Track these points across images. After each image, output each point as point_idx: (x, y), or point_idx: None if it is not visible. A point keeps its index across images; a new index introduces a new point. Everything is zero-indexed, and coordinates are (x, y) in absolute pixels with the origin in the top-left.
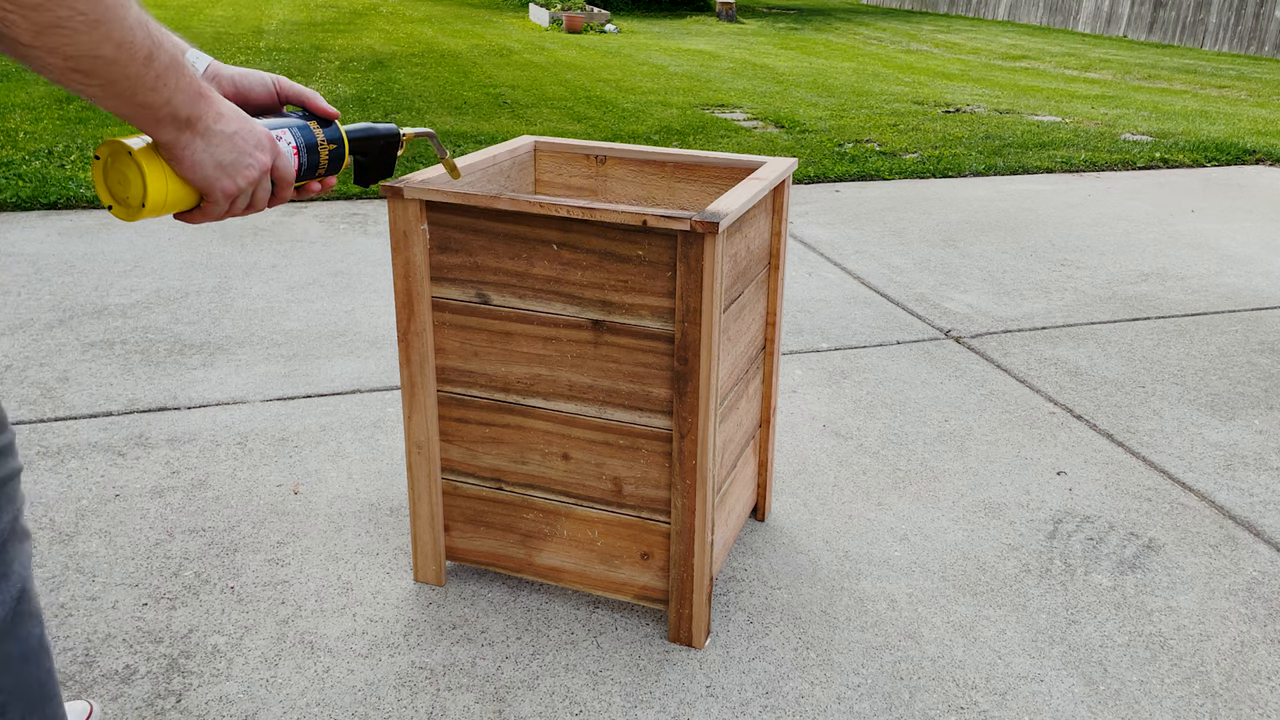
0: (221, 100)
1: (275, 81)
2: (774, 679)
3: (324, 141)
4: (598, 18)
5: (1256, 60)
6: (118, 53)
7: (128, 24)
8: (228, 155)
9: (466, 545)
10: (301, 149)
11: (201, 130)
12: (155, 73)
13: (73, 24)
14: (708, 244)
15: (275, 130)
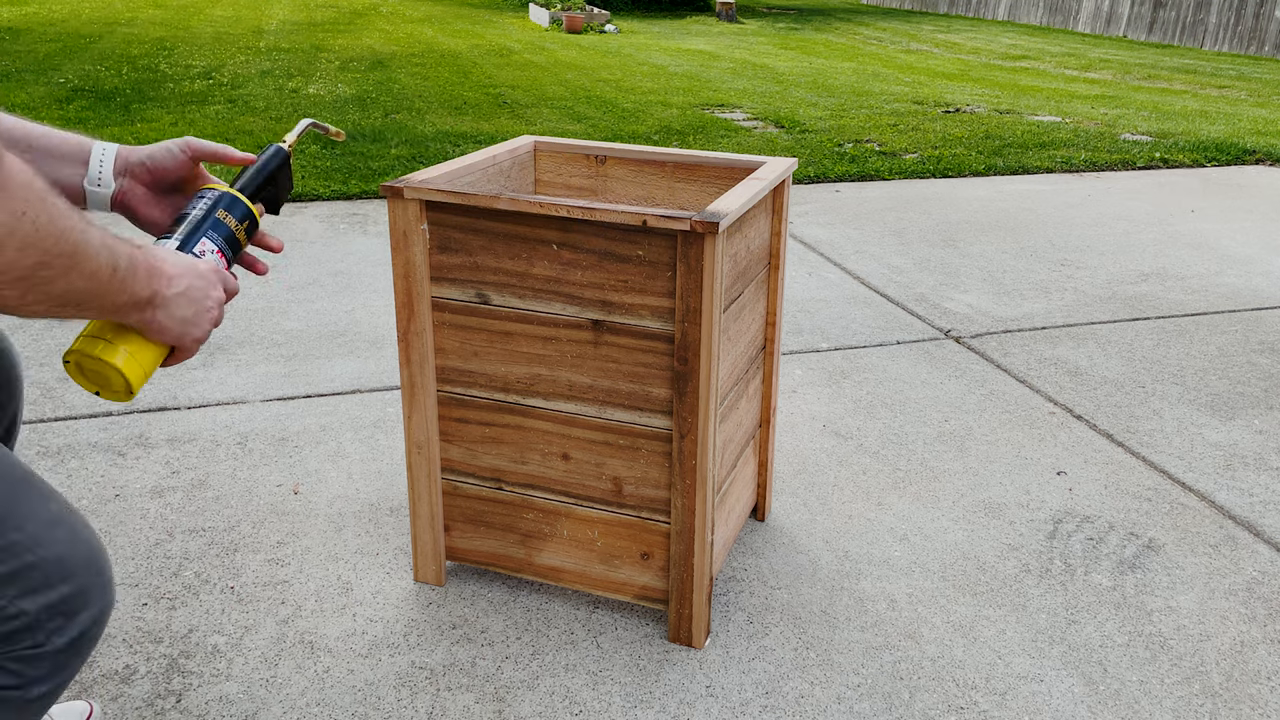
0: (166, 260)
1: (185, 148)
2: (774, 679)
3: (237, 225)
4: (598, 18)
5: (1256, 60)
6: (90, 282)
7: (92, 252)
8: (188, 310)
9: (466, 545)
10: (225, 249)
11: (160, 302)
12: (119, 280)
13: (50, 279)
14: (708, 244)
15: (197, 245)
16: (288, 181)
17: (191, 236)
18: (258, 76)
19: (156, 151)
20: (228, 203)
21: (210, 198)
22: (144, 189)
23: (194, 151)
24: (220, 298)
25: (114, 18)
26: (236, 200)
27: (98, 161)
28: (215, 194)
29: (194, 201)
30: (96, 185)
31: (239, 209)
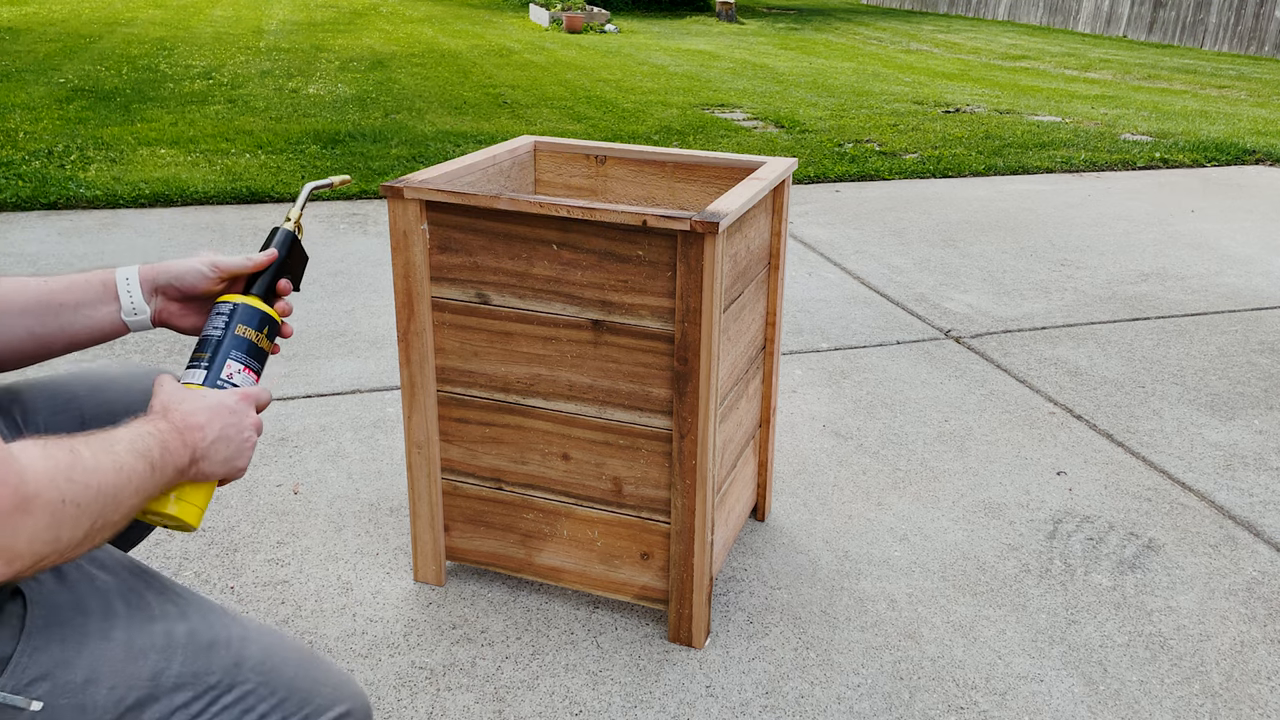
0: (195, 412)
1: (214, 269)
2: (774, 679)
3: (258, 335)
4: (598, 18)
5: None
6: (137, 495)
7: (128, 474)
8: (228, 451)
9: (466, 545)
10: (251, 364)
11: (201, 455)
12: (159, 471)
13: (106, 524)
14: (708, 244)
15: (224, 370)
16: (302, 258)
17: (216, 361)
18: (258, 76)
19: (186, 274)
20: (245, 316)
21: (227, 313)
22: (177, 305)
23: (222, 271)
24: (254, 422)
25: (114, 18)
26: (253, 310)
27: (126, 294)
28: (231, 308)
29: (213, 318)
30: (134, 315)
31: (257, 318)
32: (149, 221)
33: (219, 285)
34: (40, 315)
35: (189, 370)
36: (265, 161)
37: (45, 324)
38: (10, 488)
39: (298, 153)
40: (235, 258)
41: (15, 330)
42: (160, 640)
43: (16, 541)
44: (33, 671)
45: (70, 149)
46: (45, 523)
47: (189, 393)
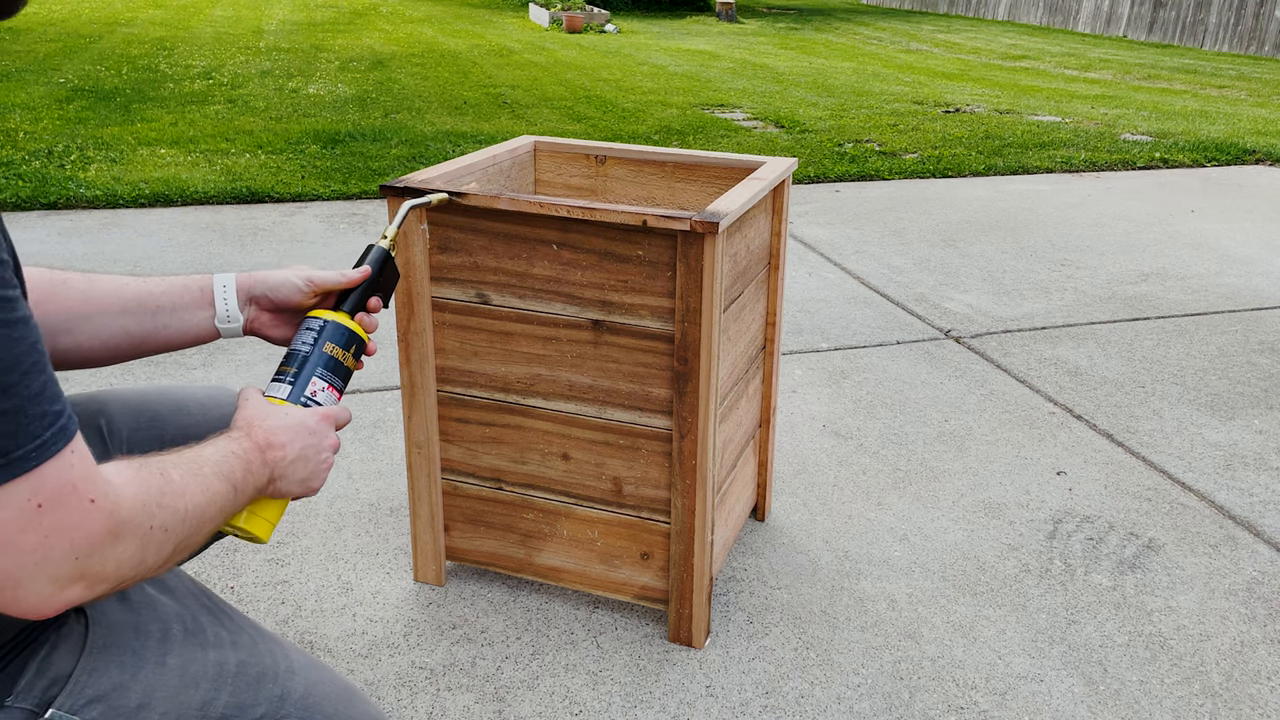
0: (276, 431)
1: (308, 283)
2: (774, 679)
3: (344, 354)
4: (598, 18)
5: (1256, 60)
6: (220, 515)
7: (211, 496)
8: (304, 471)
9: (466, 545)
10: (335, 382)
11: (279, 475)
12: (240, 492)
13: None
14: (708, 244)
15: (308, 387)
16: (393, 275)
17: (301, 377)
18: (258, 76)
19: (281, 287)
20: (333, 333)
21: (316, 329)
22: (269, 315)
23: (317, 287)
24: (333, 443)
25: (114, 18)
26: (342, 329)
27: (222, 301)
28: (321, 324)
29: (301, 333)
30: (227, 323)
31: (345, 336)
32: (149, 221)
33: (311, 299)
34: (138, 316)
35: (274, 384)
36: (265, 161)
37: (142, 325)
38: (105, 513)
39: (298, 153)
40: (329, 273)
41: (112, 329)
42: (213, 670)
43: (105, 566)
44: (90, 692)
45: (70, 149)
46: (134, 547)
47: (272, 409)
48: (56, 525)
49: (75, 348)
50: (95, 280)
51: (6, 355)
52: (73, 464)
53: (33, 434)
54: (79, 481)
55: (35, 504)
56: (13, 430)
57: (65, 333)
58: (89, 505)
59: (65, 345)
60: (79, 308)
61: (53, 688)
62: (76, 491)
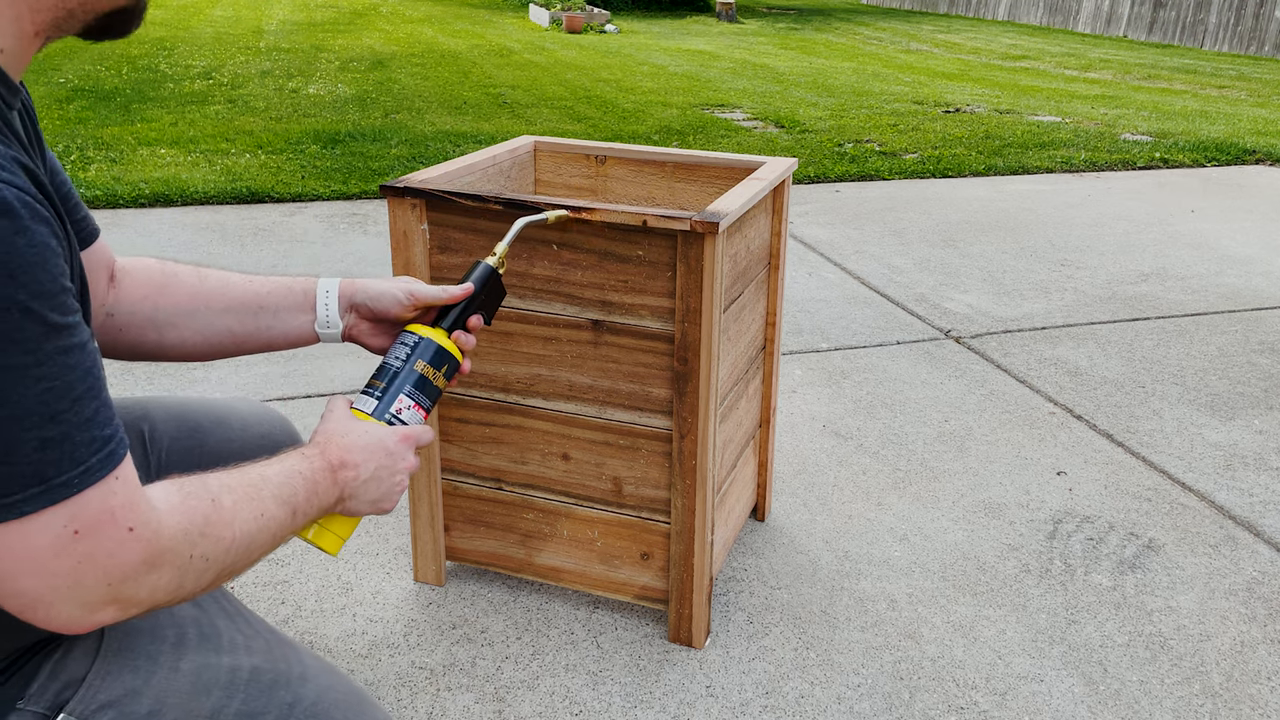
0: (352, 449)
1: (410, 297)
2: (774, 679)
3: (435, 373)
4: (598, 18)
5: (1256, 60)
6: (274, 540)
7: (265, 522)
8: (376, 493)
9: (466, 545)
10: (423, 401)
11: (349, 494)
12: (301, 515)
13: (239, 568)
14: (708, 244)
15: (394, 404)
16: (498, 294)
17: (389, 393)
18: (258, 76)
19: (382, 297)
20: (426, 351)
21: (410, 345)
22: (368, 324)
23: (418, 301)
24: (409, 465)
25: None
26: (436, 347)
27: (324, 306)
28: (415, 341)
29: (396, 347)
30: (327, 328)
31: (438, 355)
32: (149, 221)
33: (411, 313)
34: (241, 315)
35: (362, 396)
36: (265, 161)
37: (244, 324)
38: (143, 543)
39: (298, 153)
40: (432, 288)
41: (216, 327)
42: (225, 676)
43: (139, 593)
44: (102, 697)
45: (70, 149)
46: (170, 575)
47: (353, 425)
48: (90, 553)
49: (180, 342)
50: (204, 275)
51: (60, 383)
52: (114, 490)
53: (77, 460)
54: (118, 509)
55: (72, 530)
56: (56, 458)
57: (171, 327)
58: (126, 534)
59: (171, 339)
60: (186, 304)
61: (65, 691)
62: (115, 519)
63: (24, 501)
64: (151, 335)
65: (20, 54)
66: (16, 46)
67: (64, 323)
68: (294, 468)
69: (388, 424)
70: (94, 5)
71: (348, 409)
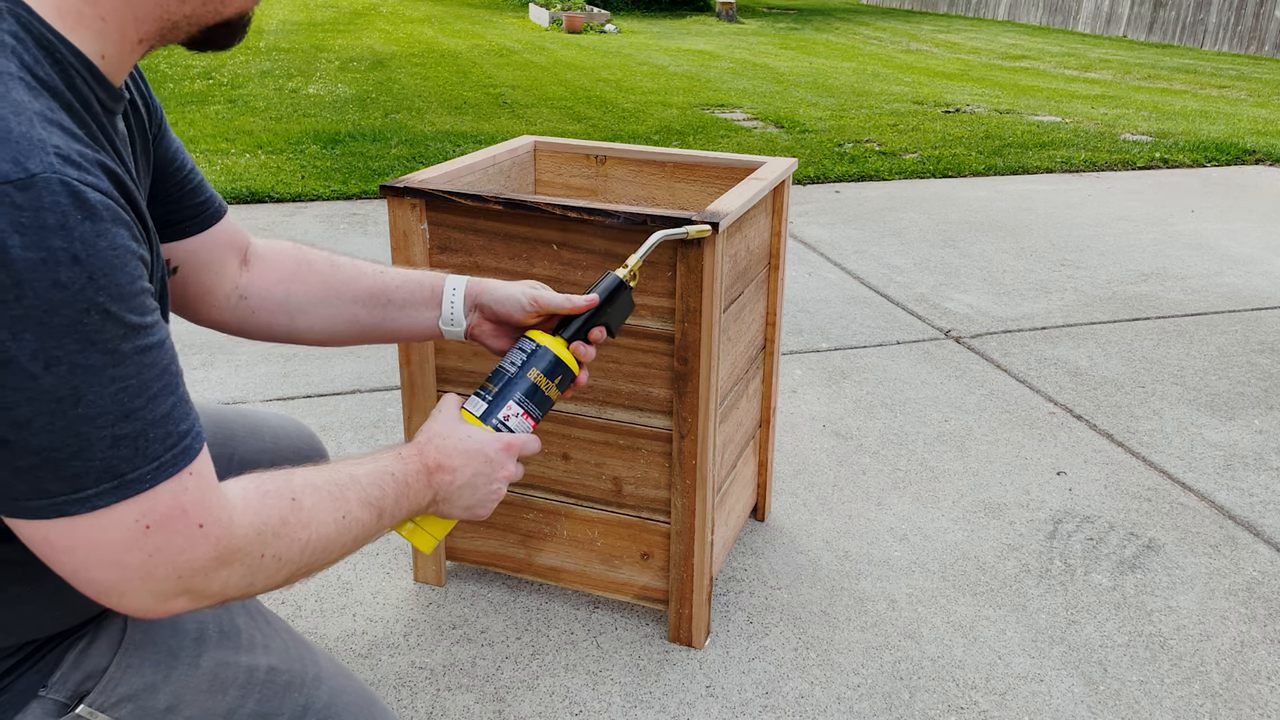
0: (453, 454)
1: (534, 303)
2: (774, 679)
3: (548, 383)
4: (598, 18)
5: (1256, 60)
6: (355, 544)
7: (346, 526)
8: (471, 499)
9: (466, 545)
10: (532, 411)
11: (443, 498)
12: (387, 519)
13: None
14: (707, 244)
15: (503, 410)
16: (626, 307)
17: (499, 399)
18: (258, 76)
19: (506, 301)
20: (541, 360)
21: (527, 352)
22: (490, 325)
23: (542, 308)
24: (508, 473)
25: None
26: (551, 357)
27: (449, 304)
28: (532, 349)
29: (513, 352)
30: (450, 325)
31: (553, 365)
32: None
33: (533, 319)
34: (369, 306)
35: (473, 398)
36: (265, 161)
37: (371, 315)
38: (212, 540)
39: (298, 153)
40: (556, 296)
41: (344, 316)
42: (243, 675)
43: (210, 587)
44: (122, 690)
45: None
46: (241, 573)
47: (457, 428)
48: (160, 547)
49: (309, 329)
50: (338, 265)
51: (136, 381)
52: (187, 486)
53: (151, 456)
54: (190, 506)
55: (143, 525)
56: (130, 454)
57: (302, 313)
58: (196, 530)
59: (301, 325)
60: (319, 292)
61: (87, 682)
62: (186, 516)
63: (97, 496)
64: (283, 319)
65: (123, 61)
66: (118, 53)
67: (142, 323)
68: (386, 468)
69: (494, 429)
70: (199, 19)
71: (457, 409)
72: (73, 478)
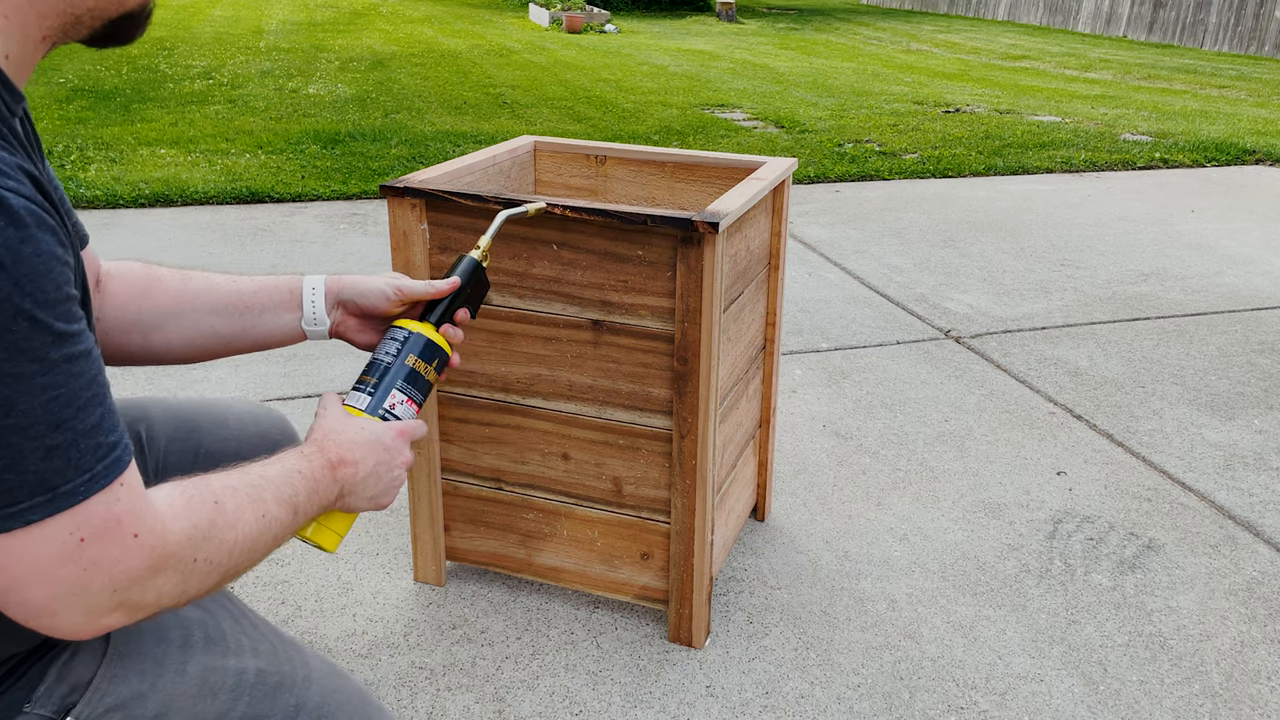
0: (351, 446)
1: (397, 292)
2: (774, 679)
3: (427, 367)
4: (598, 18)
5: (1256, 60)
6: (275, 541)
7: (268, 523)
8: (375, 488)
9: (466, 545)
10: (415, 396)
11: (349, 490)
12: (303, 513)
13: (242, 569)
14: (708, 244)
15: (388, 399)
16: (483, 287)
17: (381, 389)
18: (258, 76)
19: (370, 294)
20: (416, 346)
21: (400, 340)
22: (355, 320)
23: (406, 296)
24: (405, 460)
25: None
26: (426, 341)
27: (310, 303)
28: (404, 336)
29: (386, 343)
30: (313, 325)
31: (428, 349)
32: (149, 221)
33: (398, 308)
34: (227, 315)
35: (354, 393)
36: (265, 161)
37: (230, 325)
38: (147, 549)
39: (298, 153)
40: (419, 283)
41: (201, 328)
42: (231, 679)
43: (144, 597)
44: (109, 700)
45: (70, 149)
46: (175, 579)
47: (349, 422)
48: (96, 560)
49: (166, 345)
50: (189, 278)
51: (65, 390)
52: (120, 497)
53: (83, 468)
54: (124, 516)
55: (78, 538)
56: (62, 466)
57: (157, 330)
58: (131, 540)
59: (157, 342)
60: (171, 305)
61: (72, 695)
62: (121, 526)
63: (30, 510)
64: (137, 339)
65: (25, 60)
66: (22, 53)
67: (69, 330)
68: (294, 467)
69: (381, 419)
70: (102, 11)
71: (341, 406)
72: (6, 491)
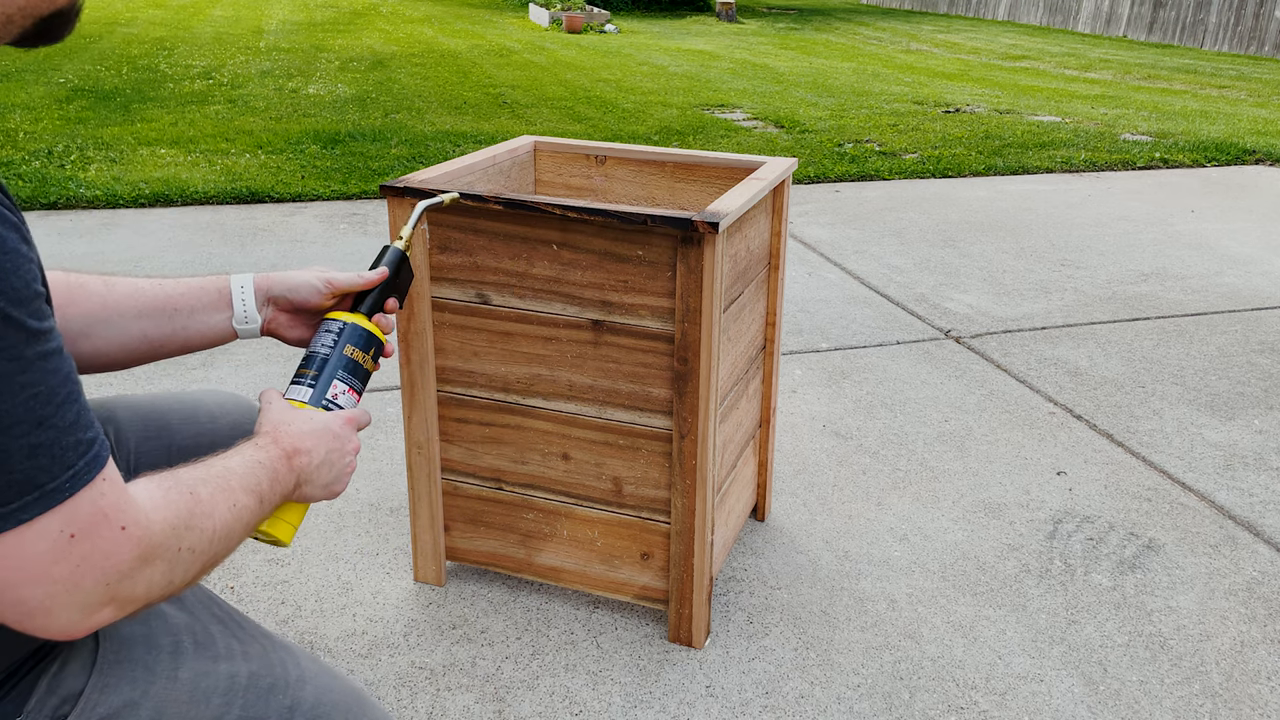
0: (302, 436)
1: (327, 285)
2: (774, 679)
3: (364, 356)
4: (598, 18)
5: (1256, 60)
6: (247, 528)
7: (240, 511)
8: (329, 476)
9: (466, 545)
10: (356, 385)
11: (305, 480)
12: (269, 502)
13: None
14: (708, 244)
15: (330, 390)
16: (408, 276)
17: (322, 380)
18: (258, 76)
19: (299, 288)
20: (352, 335)
21: (336, 331)
22: (286, 316)
23: (336, 288)
24: (356, 447)
25: (114, 18)
26: (361, 331)
27: (240, 302)
28: (340, 326)
29: (321, 335)
30: (245, 324)
31: (364, 338)
32: (149, 221)
33: (329, 301)
34: (155, 319)
35: (294, 386)
36: (265, 161)
37: (160, 327)
38: (135, 540)
39: (298, 153)
40: (347, 274)
41: (130, 333)
42: (224, 683)
43: (135, 590)
44: (101, 710)
45: (70, 149)
46: (163, 570)
47: (296, 414)
48: (88, 555)
49: (94, 352)
50: (113, 283)
51: (44, 388)
52: (104, 491)
53: (66, 464)
54: (110, 509)
55: (68, 535)
56: (47, 464)
57: (84, 337)
58: (120, 533)
59: (84, 349)
60: (98, 311)
61: (64, 706)
62: (108, 520)
63: (21, 510)
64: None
65: None
66: None
67: (41, 328)
68: (254, 458)
69: (325, 409)
70: (33, 9)
71: (283, 400)
72: None
